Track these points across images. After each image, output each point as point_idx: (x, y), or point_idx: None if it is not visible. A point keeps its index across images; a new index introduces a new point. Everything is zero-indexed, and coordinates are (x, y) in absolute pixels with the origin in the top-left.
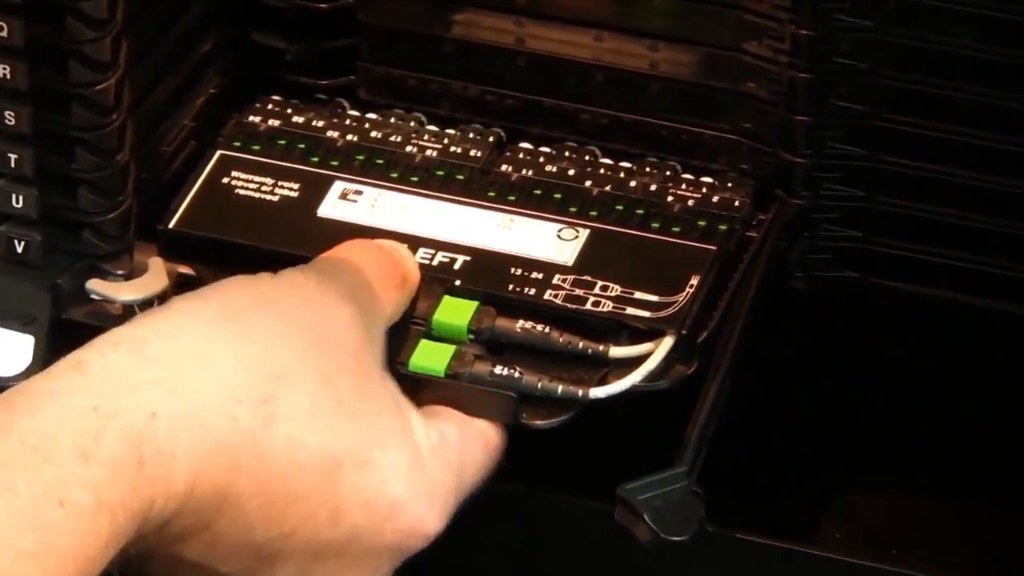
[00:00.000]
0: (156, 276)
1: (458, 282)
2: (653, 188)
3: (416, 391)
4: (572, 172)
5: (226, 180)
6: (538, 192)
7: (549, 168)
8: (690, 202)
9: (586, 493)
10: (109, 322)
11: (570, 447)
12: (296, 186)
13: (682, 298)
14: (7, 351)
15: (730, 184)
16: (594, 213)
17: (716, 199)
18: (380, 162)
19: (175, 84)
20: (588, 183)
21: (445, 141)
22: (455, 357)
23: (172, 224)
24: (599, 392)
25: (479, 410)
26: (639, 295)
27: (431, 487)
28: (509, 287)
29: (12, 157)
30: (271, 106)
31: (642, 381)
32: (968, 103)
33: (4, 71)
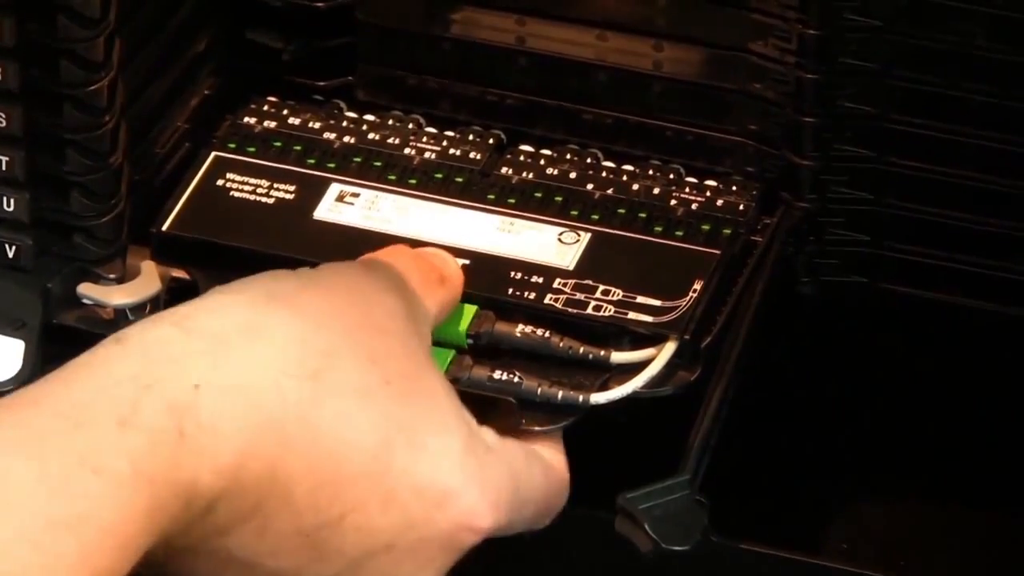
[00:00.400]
0: (149, 280)
1: None
2: (656, 191)
3: None
4: (574, 175)
5: (220, 182)
6: (539, 195)
7: (550, 170)
8: (694, 205)
9: (587, 501)
10: (100, 326)
11: (570, 454)
12: (292, 188)
13: (685, 303)
14: None
15: (735, 187)
16: (596, 216)
17: (720, 202)
18: (378, 164)
19: (169, 84)
20: (590, 186)
21: (444, 143)
22: (454, 362)
23: (165, 227)
24: (600, 398)
25: (478, 416)
26: (641, 299)
27: (484, 480)
28: (509, 291)
29: (3, 159)
30: (267, 107)
31: (644, 387)
32: (978, 104)
33: None
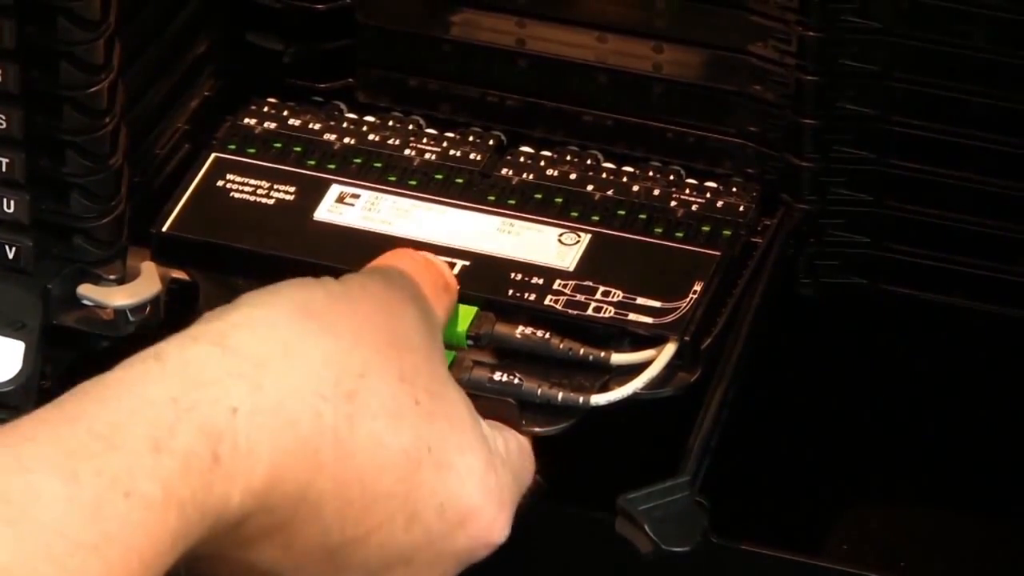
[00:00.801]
0: (149, 281)
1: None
2: (656, 192)
3: None
4: (574, 176)
5: (221, 183)
6: (539, 196)
7: (550, 172)
8: (694, 207)
9: (587, 503)
10: (100, 327)
11: (571, 455)
12: (292, 189)
13: (685, 304)
14: None
15: (735, 189)
16: (596, 218)
17: (720, 204)
18: (378, 165)
19: (169, 86)
20: (590, 187)
21: (444, 144)
22: (454, 363)
23: (165, 228)
24: (600, 399)
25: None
26: (641, 301)
27: (501, 494)
28: (509, 292)
29: (3, 161)
30: (267, 108)
31: (644, 388)
32: (978, 106)
33: None
